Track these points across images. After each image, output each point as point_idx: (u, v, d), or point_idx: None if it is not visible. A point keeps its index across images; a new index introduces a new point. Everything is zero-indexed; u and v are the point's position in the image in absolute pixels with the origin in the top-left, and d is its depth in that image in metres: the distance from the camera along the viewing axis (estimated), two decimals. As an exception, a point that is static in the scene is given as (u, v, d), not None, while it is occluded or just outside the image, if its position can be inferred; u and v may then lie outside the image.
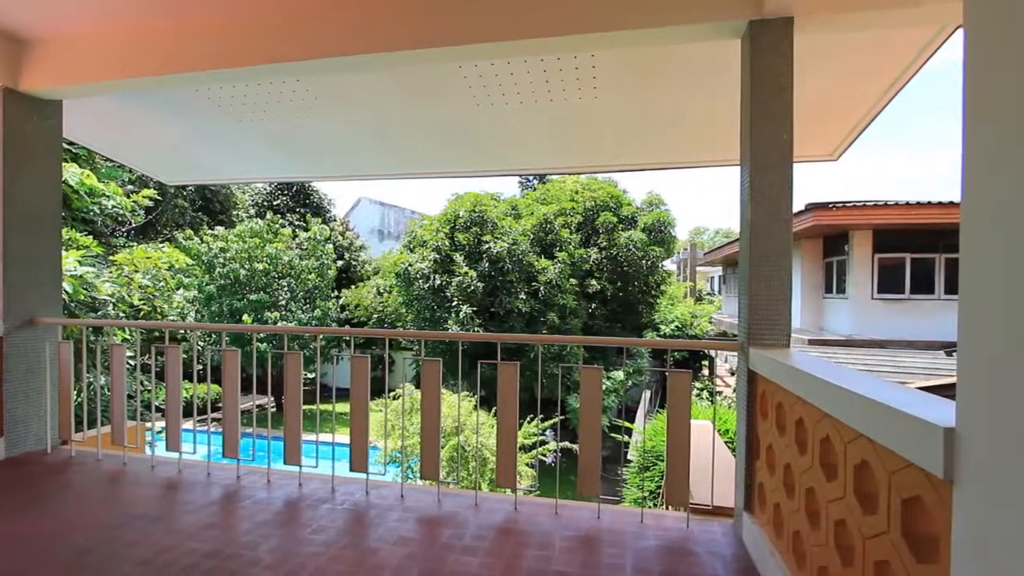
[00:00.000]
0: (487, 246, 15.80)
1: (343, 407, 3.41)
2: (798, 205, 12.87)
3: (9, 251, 3.75)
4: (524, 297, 15.57)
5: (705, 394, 16.62)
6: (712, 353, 19.03)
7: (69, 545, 2.63)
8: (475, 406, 10.57)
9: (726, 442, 5.98)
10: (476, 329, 14.95)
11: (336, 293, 20.37)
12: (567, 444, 10.54)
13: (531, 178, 25.19)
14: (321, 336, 14.53)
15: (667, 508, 3.77)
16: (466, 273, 15.38)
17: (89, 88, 3.68)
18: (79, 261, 6.36)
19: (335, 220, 25.83)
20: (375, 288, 20.39)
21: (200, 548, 2.58)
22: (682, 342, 3.19)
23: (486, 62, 3.35)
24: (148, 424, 4.89)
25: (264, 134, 4.81)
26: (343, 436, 3.47)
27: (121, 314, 7.17)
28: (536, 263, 15.99)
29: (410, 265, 16.45)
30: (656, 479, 6.90)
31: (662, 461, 6.88)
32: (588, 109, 4.07)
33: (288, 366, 3.41)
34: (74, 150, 7.87)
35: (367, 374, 3.31)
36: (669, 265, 25.38)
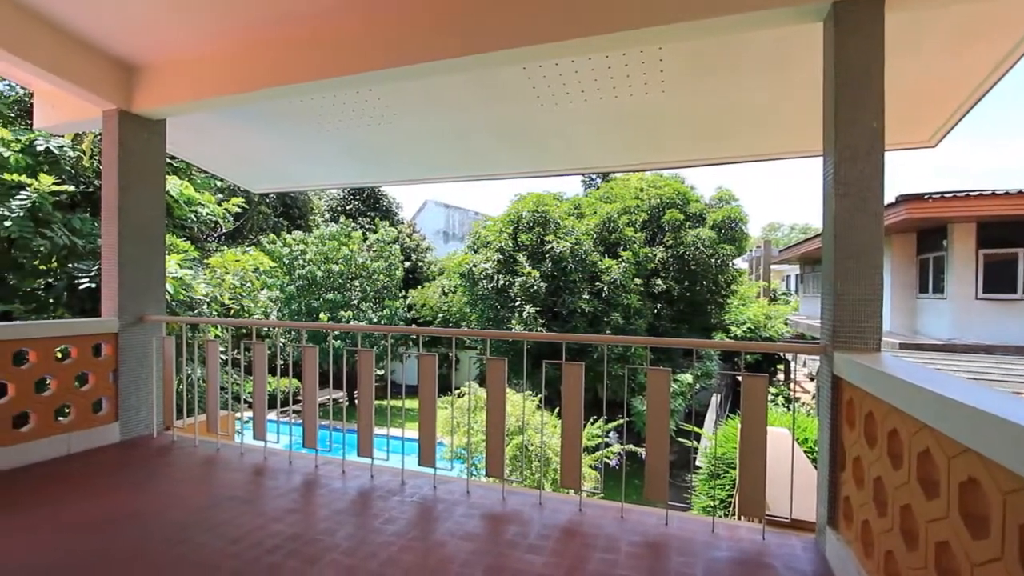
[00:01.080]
0: (550, 246, 15.78)
1: (410, 403, 3.53)
2: (887, 197, 11.83)
3: (123, 256, 4.19)
4: (587, 297, 15.41)
5: (780, 399, 15.68)
6: (788, 357, 17.94)
7: (171, 521, 2.90)
8: (538, 405, 10.58)
9: (805, 451, 5.62)
10: (539, 329, 14.96)
11: (403, 293, 21.10)
12: (631, 447, 10.31)
13: (594, 177, 24.87)
14: (390, 334, 15.15)
15: (740, 518, 3.60)
16: (529, 273, 15.43)
17: (189, 106, 4.05)
18: (179, 264, 7.01)
19: (402, 222, 26.79)
20: (440, 288, 20.93)
21: (284, 531, 2.76)
22: (757, 344, 3.02)
23: (550, 61, 3.34)
24: (237, 414, 5.31)
25: (340, 142, 5.07)
26: (411, 431, 3.59)
27: (214, 312, 7.82)
28: (599, 263, 15.77)
29: (474, 265, 16.74)
30: (727, 487, 6.60)
31: (733, 469, 6.58)
32: (655, 104, 3.96)
33: (361, 363, 3.58)
34: (175, 164, 8.68)
35: (435, 372, 3.40)
36: (740, 264, 24.18)
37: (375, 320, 18.48)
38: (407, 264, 22.29)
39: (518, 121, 4.47)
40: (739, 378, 2.77)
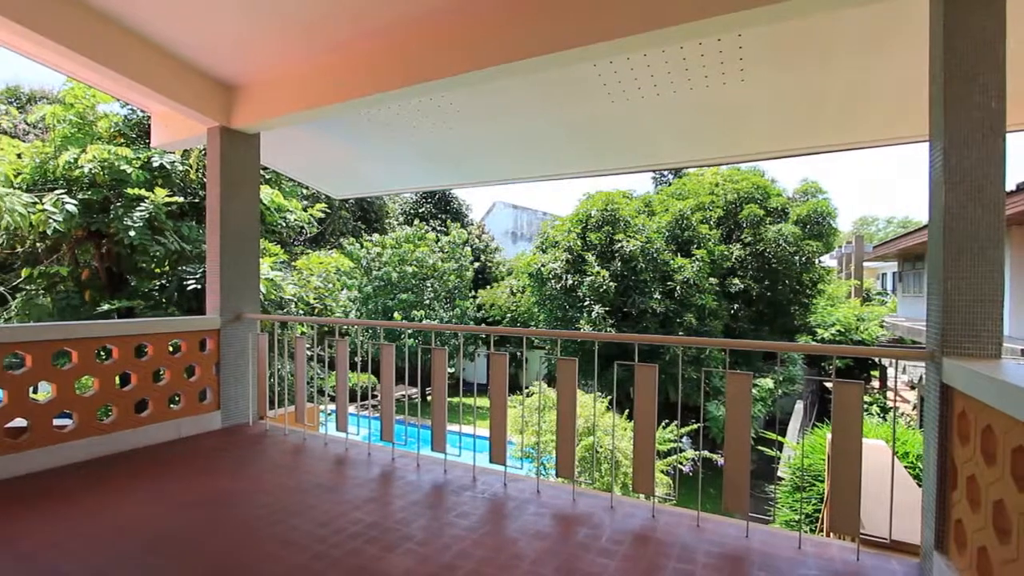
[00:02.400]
0: (619, 245, 15.47)
1: (479, 401, 3.60)
2: (1008, 184, 10.50)
3: (224, 259, 4.61)
4: (659, 297, 14.95)
5: (875, 409, 14.38)
6: (886, 363, 16.41)
7: (263, 503, 3.14)
8: (608, 407, 10.42)
9: (905, 467, 5.13)
10: (608, 329, 14.72)
11: (473, 293, 21.53)
12: (707, 453, 9.88)
13: (665, 173, 24.09)
14: (461, 333, 15.50)
15: (830, 535, 3.34)
16: (598, 273, 15.21)
17: (280, 120, 4.38)
18: (271, 266, 7.59)
19: (472, 224, 27.34)
20: (508, 288, 21.14)
21: (364, 519, 2.91)
22: (850, 348, 2.79)
23: (622, 56, 3.28)
24: (321, 407, 5.67)
25: (414, 147, 5.27)
26: (481, 429, 3.66)
27: (300, 311, 8.39)
28: (672, 261, 15.25)
29: (542, 266, 16.75)
30: (814, 502, 6.15)
31: (821, 482, 6.11)
32: (733, 95, 3.78)
33: (435, 360, 3.69)
34: (266, 174, 9.41)
35: (505, 371, 3.44)
36: (828, 261, 22.41)
37: (446, 319, 19.01)
38: (476, 265, 22.72)
39: (587, 119, 4.42)
40: (827, 385, 2.57)
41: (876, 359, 16.45)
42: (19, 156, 7.67)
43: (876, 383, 18.06)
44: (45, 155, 7.63)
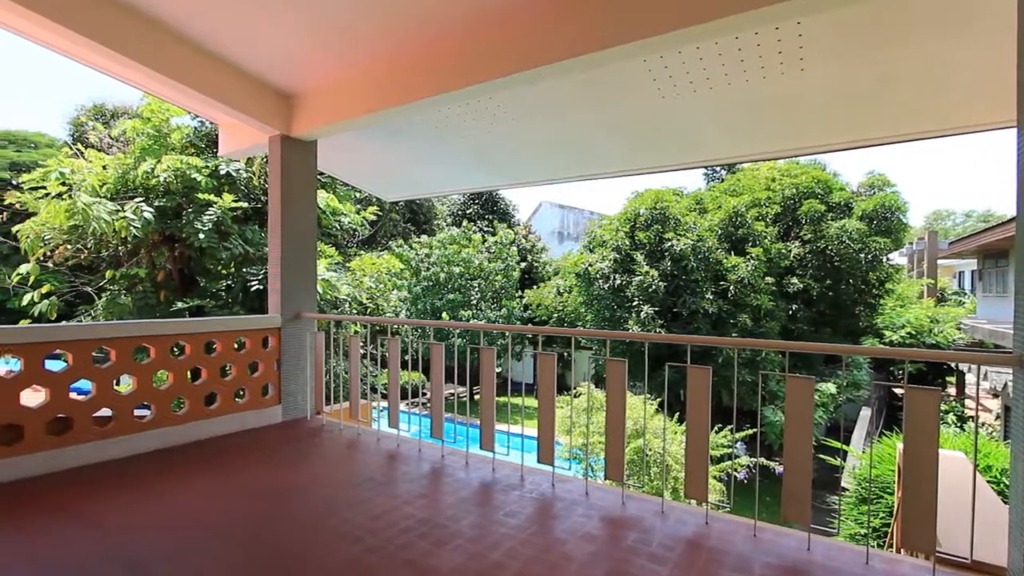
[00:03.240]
0: (669, 244, 15.08)
1: (525, 401, 3.60)
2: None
3: (284, 261, 4.84)
4: (711, 297, 14.46)
5: (951, 418, 13.34)
6: (964, 368, 15.19)
7: (320, 496, 3.28)
8: (657, 409, 10.19)
9: (988, 481, 4.73)
10: (658, 330, 14.39)
11: (520, 293, 21.60)
12: (763, 460, 9.48)
13: (718, 169, 23.30)
14: (508, 333, 15.54)
15: (900, 552, 3.13)
16: (647, 272, 14.90)
17: (335, 127, 4.56)
18: (326, 267, 7.90)
19: (519, 224, 27.43)
20: (555, 288, 21.06)
21: (415, 514, 2.98)
22: (924, 352, 2.61)
23: (673, 50, 3.20)
24: (374, 403, 5.85)
25: (462, 149, 5.35)
26: (527, 429, 3.67)
27: (353, 310, 8.69)
28: (725, 260, 14.72)
29: (590, 265, 16.58)
30: (882, 515, 5.78)
31: (890, 494, 5.73)
32: (792, 85, 3.61)
33: (483, 360, 3.73)
34: (322, 179, 9.82)
35: (553, 370, 3.44)
36: (898, 259, 20.98)
37: (493, 319, 19.17)
38: (523, 265, 22.77)
39: (636, 117, 4.35)
40: (897, 391, 2.41)
41: (953, 364, 15.25)
42: (104, 168, 8.35)
43: (953, 390, 16.73)
44: (126, 166, 8.27)
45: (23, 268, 8.06)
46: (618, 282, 15.64)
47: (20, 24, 3.55)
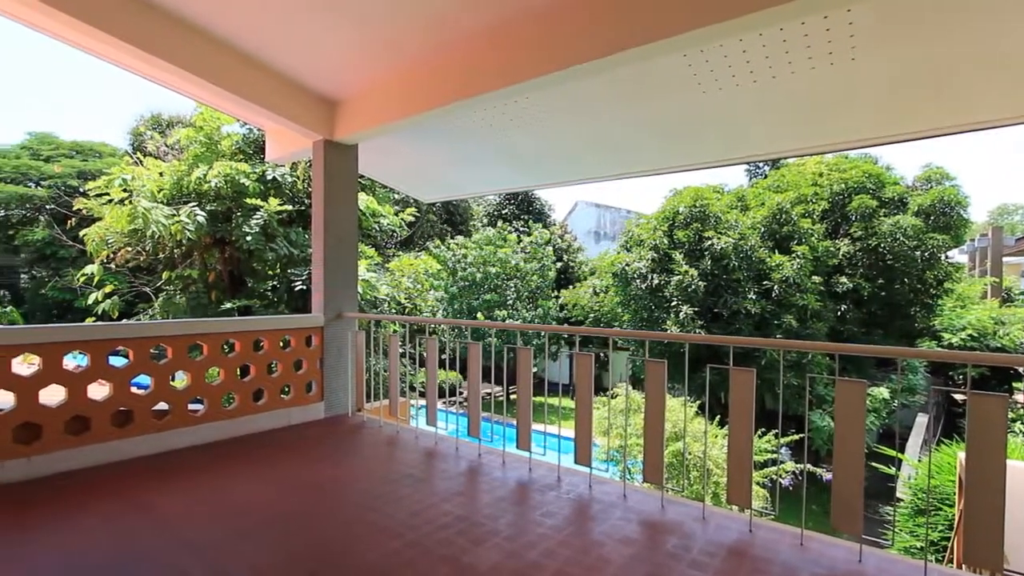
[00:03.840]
0: (709, 243, 14.70)
1: (558, 401, 3.58)
2: None
3: (327, 262, 4.99)
4: (753, 297, 14.01)
5: (1019, 427, 12.45)
6: (1034, 373, 14.15)
7: (363, 489, 3.36)
8: (696, 412, 9.96)
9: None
10: (697, 331, 14.05)
11: (555, 293, 21.52)
12: (810, 467, 9.11)
13: (761, 165, 22.55)
14: (545, 333, 15.50)
15: (961, 567, 2.95)
16: (686, 272, 14.57)
17: (376, 131, 4.67)
18: (366, 268, 8.09)
19: (554, 224, 27.34)
20: (591, 288, 20.88)
21: (453, 511, 3.02)
22: (990, 356, 2.45)
23: (715, 43, 3.12)
24: (412, 401, 5.95)
25: (498, 150, 5.38)
26: (563, 429, 3.65)
27: (392, 310, 8.86)
28: (768, 259, 14.23)
29: (627, 265, 16.35)
30: (940, 528, 5.46)
31: (949, 506, 5.41)
32: (841, 75, 3.45)
33: (520, 360, 3.74)
34: (362, 182, 10.07)
35: (591, 371, 3.41)
36: (958, 257, 19.74)
37: (529, 319, 19.17)
38: (559, 265, 22.68)
39: (675, 113, 4.26)
40: (957, 397, 2.27)
41: (1021, 369, 14.26)
42: (161, 174, 8.82)
43: (1021, 397, 15.61)
44: (180, 172, 8.71)
45: (88, 269, 8.61)
46: (656, 282, 15.36)
47: (84, 41, 3.80)
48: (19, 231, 22.96)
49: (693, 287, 14.44)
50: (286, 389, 4.81)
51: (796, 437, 10.11)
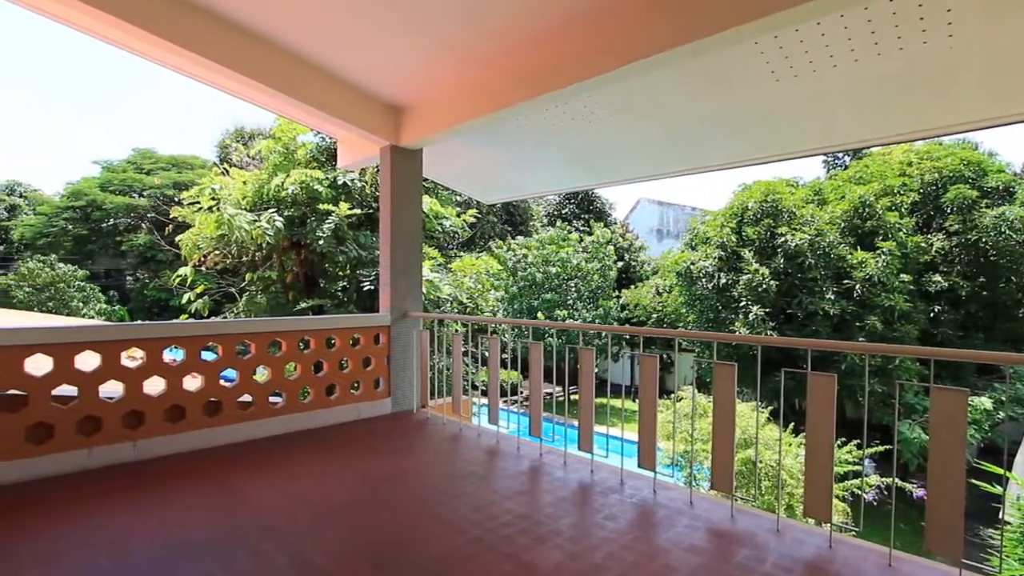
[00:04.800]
0: (782, 239, 13.90)
1: (619, 403, 3.50)
2: None
3: (394, 264, 5.18)
4: (831, 297, 13.09)
5: None
6: None
7: (426, 485, 3.46)
8: (768, 418, 9.46)
9: None
10: (769, 333, 13.32)
11: (617, 293, 21.16)
12: (899, 482, 8.39)
13: (840, 155, 21.06)
14: (607, 333, 15.27)
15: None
16: (756, 271, 13.86)
17: (440, 135, 4.80)
18: (430, 269, 8.33)
19: (615, 223, 26.88)
20: (654, 288, 20.34)
21: (515, 509, 3.04)
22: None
23: (790, 28, 2.95)
24: (474, 400, 6.06)
25: (560, 150, 5.37)
26: (622, 431, 3.58)
27: (454, 310, 9.06)
28: (849, 256, 13.24)
29: (692, 264, 15.79)
30: (1060, 557, 4.85)
31: (1071, 533, 4.79)
32: (935, 55, 3.16)
33: (582, 360, 3.71)
34: (426, 184, 10.38)
35: (655, 373, 3.33)
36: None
37: (589, 319, 18.96)
38: (620, 264, 22.29)
39: (746, 104, 4.07)
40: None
41: None
42: (244, 183, 9.52)
43: None
44: (261, 181, 9.36)
45: (182, 271, 9.44)
46: (723, 281, 14.72)
47: (178, 62, 4.17)
48: (125, 237, 25.56)
49: (764, 287, 13.71)
50: (355, 385, 5.04)
51: (881, 448, 9.34)
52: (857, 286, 12.88)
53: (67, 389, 3.46)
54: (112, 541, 2.59)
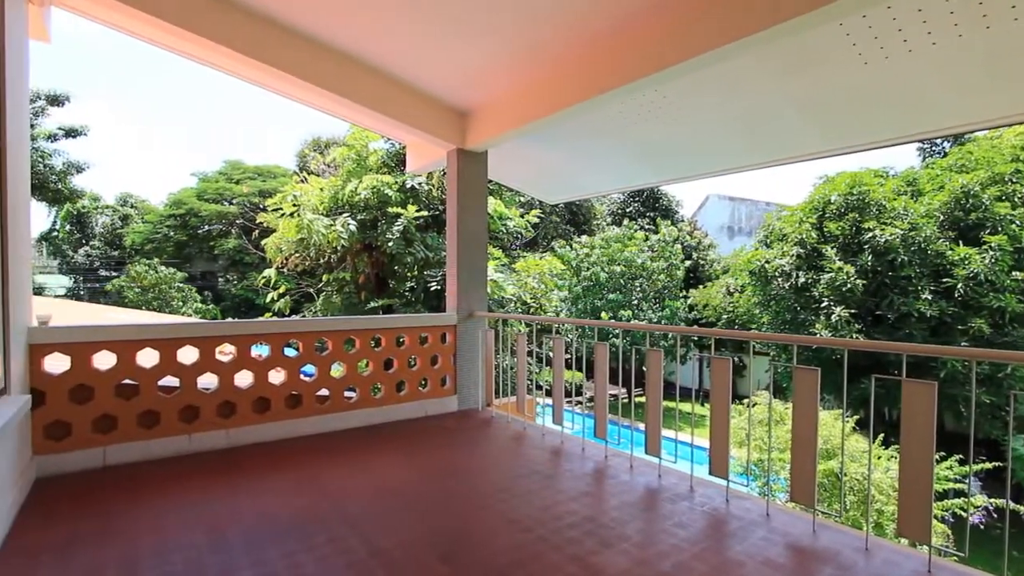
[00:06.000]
0: (870, 235, 12.83)
1: (686, 407, 3.37)
2: None
3: (460, 264, 5.30)
4: (928, 298, 11.92)
5: None
6: None
7: (492, 481, 3.51)
8: (854, 427, 8.78)
9: None
10: (855, 335, 12.34)
11: (684, 293, 20.43)
12: (1013, 505, 7.51)
13: (938, 142, 19.15)
14: (675, 335, 14.78)
15: None
16: (839, 269, 12.89)
17: (504, 137, 4.86)
18: (494, 269, 8.45)
19: (683, 220, 25.97)
20: (725, 287, 19.44)
21: (579, 511, 3.02)
22: None
23: (881, 6, 2.73)
24: (538, 399, 6.08)
25: (625, 147, 5.27)
26: (692, 435, 3.45)
27: (518, 309, 9.13)
28: (949, 252, 12.00)
29: (767, 262, 14.94)
30: None
31: None
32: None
33: (650, 362, 3.62)
34: (490, 186, 10.54)
35: (728, 376, 3.18)
36: None
37: (655, 320, 18.44)
38: (688, 263, 21.50)
39: (830, 89, 3.80)
40: None
41: None
42: (321, 190, 10.10)
43: None
44: (336, 187, 9.89)
45: (267, 273, 10.16)
46: (802, 280, 13.82)
47: (260, 77, 4.50)
48: (217, 242, 27.88)
49: (849, 286, 12.72)
50: (423, 382, 5.21)
51: (989, 466, 8.38)
52: (959, 285, 11.64)
53: (170, 380, 3.83)
54: (209, 520, 2.84)
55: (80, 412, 3.49)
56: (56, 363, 3.44)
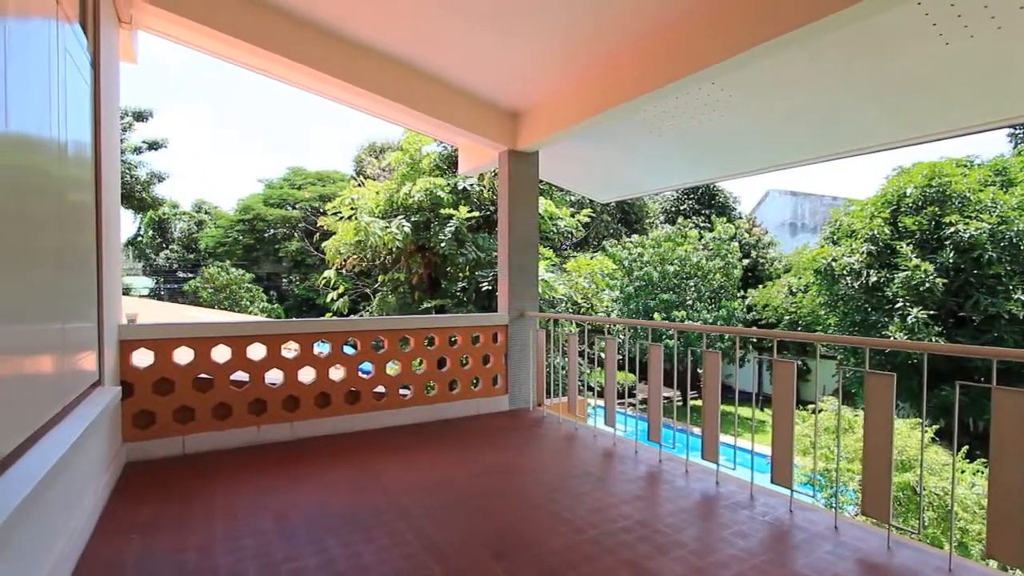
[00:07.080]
0: (952, 230, 11.86)
1: (744, 411, 3.24)
2: None
3: (512, 264, 5.34)
4: (1021, 298, 10.89)
5: None
6: None
7: (542, 481, 3.51)
8: (933, 438, 8.14)
9: None
10: (934, 338, 11.43)
11: (742, 293, 19.62)
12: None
13: (1034, 126, 17.43)
14: (728, 335, 14.21)
15: None
16: (916, 267, 11.98)
17: (555, 137, 4.85)
18: (545, 269, 8.44)
19: (740, 217, 24.95)
20: (787, 287, 18.51)
21: (633, 515, 2.97)
22: None
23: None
24: (588, 400, 6.03)
25: (679, 144, 5.13)
26: (753, 442, 3.30)
27: (569, 309, 9.07)
28: (1047, 249, 10.92)
29: (834, 260, 14.10)
30: None
31: None
32: None
33: (707, 364, 3.51)
34: (540, 186, 10.55)
35: (792, 381, 3.04)
36: None
37: (710, 321, 17.82)
38: (746, 262, 20.62)
39: (904, 75, 3.54)
40: None
41: None
42: (377, 193, 10.45)
43: None
44: (391, 190, 10.20)
45: (327, 274, 10.62)
46: (873, 279, 12.95)
47: (320, 87, 4.70)
48: (282, 245, 29.43)
49: (927, 285, 11.80)
50: (475, 381, 5.28)
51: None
52: (1059, 284, 10.56)
53: (241, 375, 4.08)
54: (275, 507, 3.00)
55: (163, 403, 3.78)
56: (142, 358, 3.75)
